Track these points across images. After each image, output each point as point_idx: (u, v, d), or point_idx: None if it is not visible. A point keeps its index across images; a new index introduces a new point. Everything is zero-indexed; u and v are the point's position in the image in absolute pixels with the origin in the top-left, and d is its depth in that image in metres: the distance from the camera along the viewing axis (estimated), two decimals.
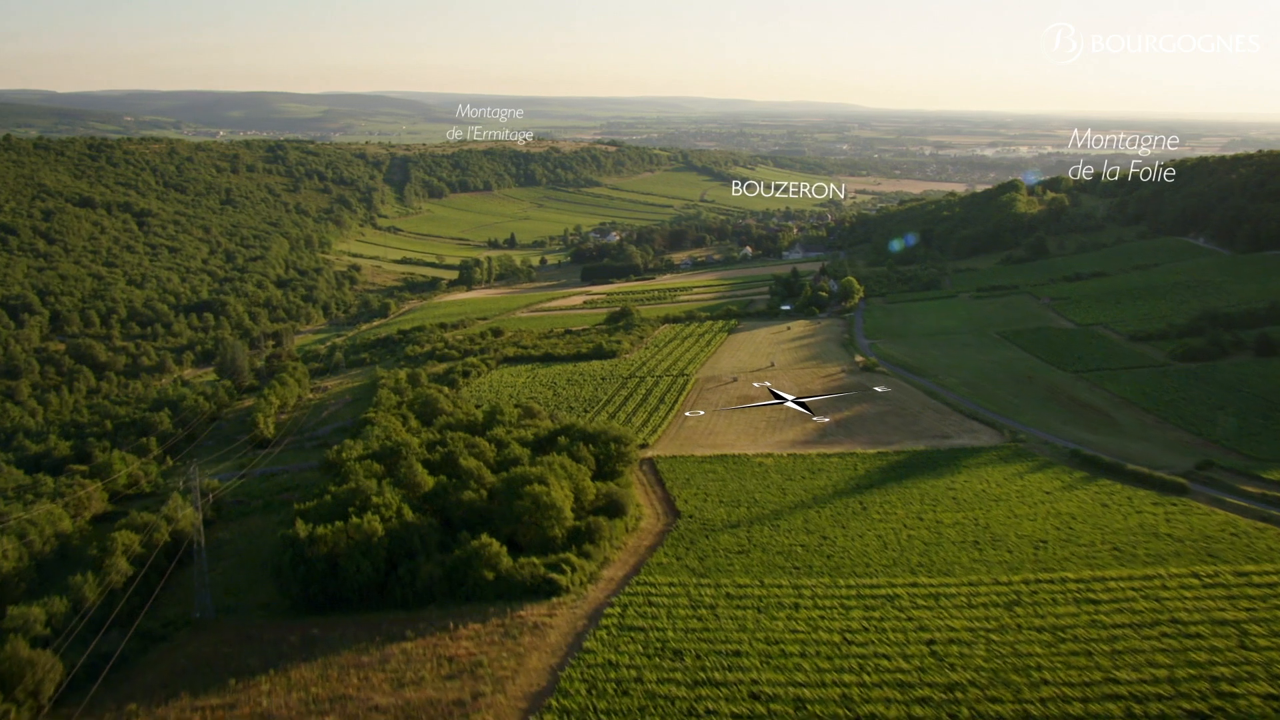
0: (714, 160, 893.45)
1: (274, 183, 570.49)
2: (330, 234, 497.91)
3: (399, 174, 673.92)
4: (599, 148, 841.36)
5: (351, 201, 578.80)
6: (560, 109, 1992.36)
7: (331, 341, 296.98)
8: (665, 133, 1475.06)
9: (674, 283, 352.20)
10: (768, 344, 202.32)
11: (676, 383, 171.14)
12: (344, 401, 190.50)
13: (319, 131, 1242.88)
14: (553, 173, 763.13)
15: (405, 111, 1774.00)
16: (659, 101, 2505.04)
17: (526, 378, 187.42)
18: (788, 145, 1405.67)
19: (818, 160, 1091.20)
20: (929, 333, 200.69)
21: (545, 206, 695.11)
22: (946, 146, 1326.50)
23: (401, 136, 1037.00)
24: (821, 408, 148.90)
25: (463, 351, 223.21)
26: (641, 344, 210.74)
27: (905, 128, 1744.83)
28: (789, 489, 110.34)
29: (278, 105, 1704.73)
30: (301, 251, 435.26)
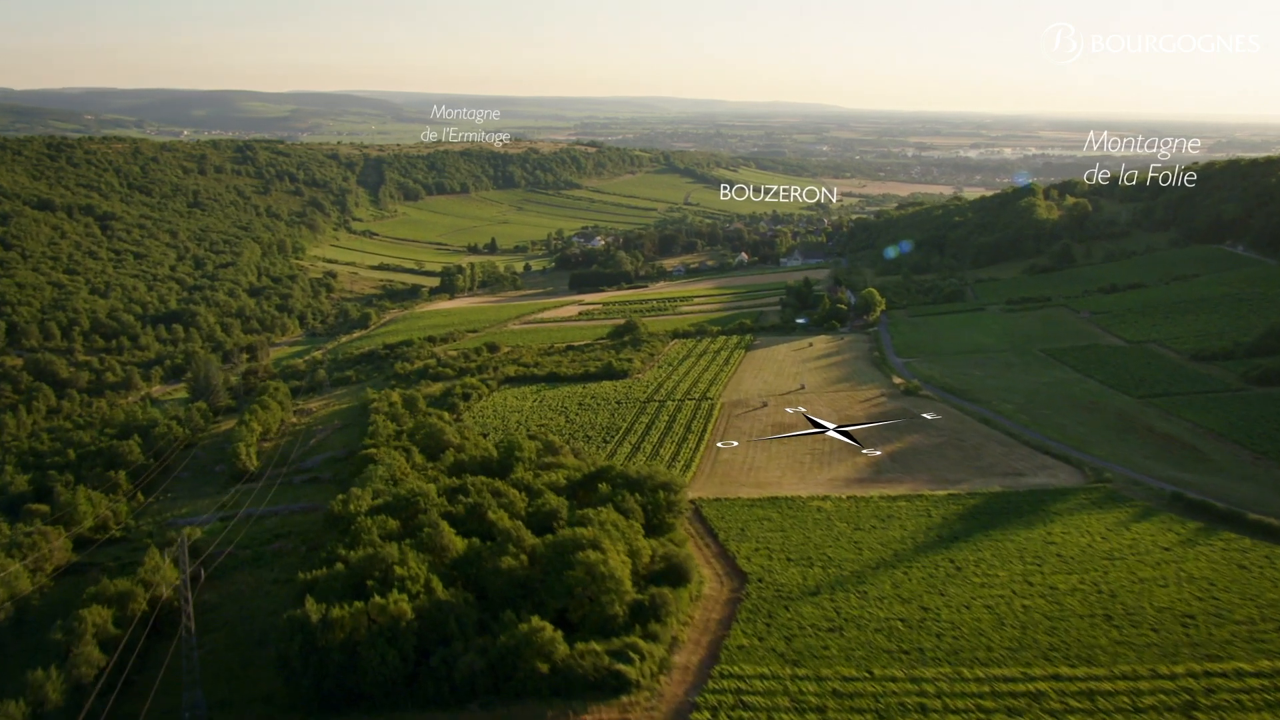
0: (696, 162, 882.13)
1: (243, 184, 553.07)
2: (304, 238, 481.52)
3: (373, 175, 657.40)
4: (578, 149, 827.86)
5: (324, 204, 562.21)
6: (533, 109, 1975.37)
7: (311, 356, 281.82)
8: (641, 133, 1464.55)
9: (671, 291, 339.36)
10: (791, 362, 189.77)
11: (701, 408, 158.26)
12: (333, 427, 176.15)
13: (286, 131, 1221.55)
14: (532, 174, 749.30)
15: (374, 111, 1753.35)
16: (632, 101, 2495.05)
17: (533, 401, 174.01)
18: (766, 146, 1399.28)
19: (800, 162, 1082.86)
20: (966, 350, 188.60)
21: (525, 210, 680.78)
22: (929, 148, 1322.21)
23: (371, 137, 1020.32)
24: (869, 438, 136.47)
25: (458, 370, 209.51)
26: (653, 362, 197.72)
27: (884, 129, 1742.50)
28: (862, 542, 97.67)
29: (243, 104, 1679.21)
30: (274, 257, 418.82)
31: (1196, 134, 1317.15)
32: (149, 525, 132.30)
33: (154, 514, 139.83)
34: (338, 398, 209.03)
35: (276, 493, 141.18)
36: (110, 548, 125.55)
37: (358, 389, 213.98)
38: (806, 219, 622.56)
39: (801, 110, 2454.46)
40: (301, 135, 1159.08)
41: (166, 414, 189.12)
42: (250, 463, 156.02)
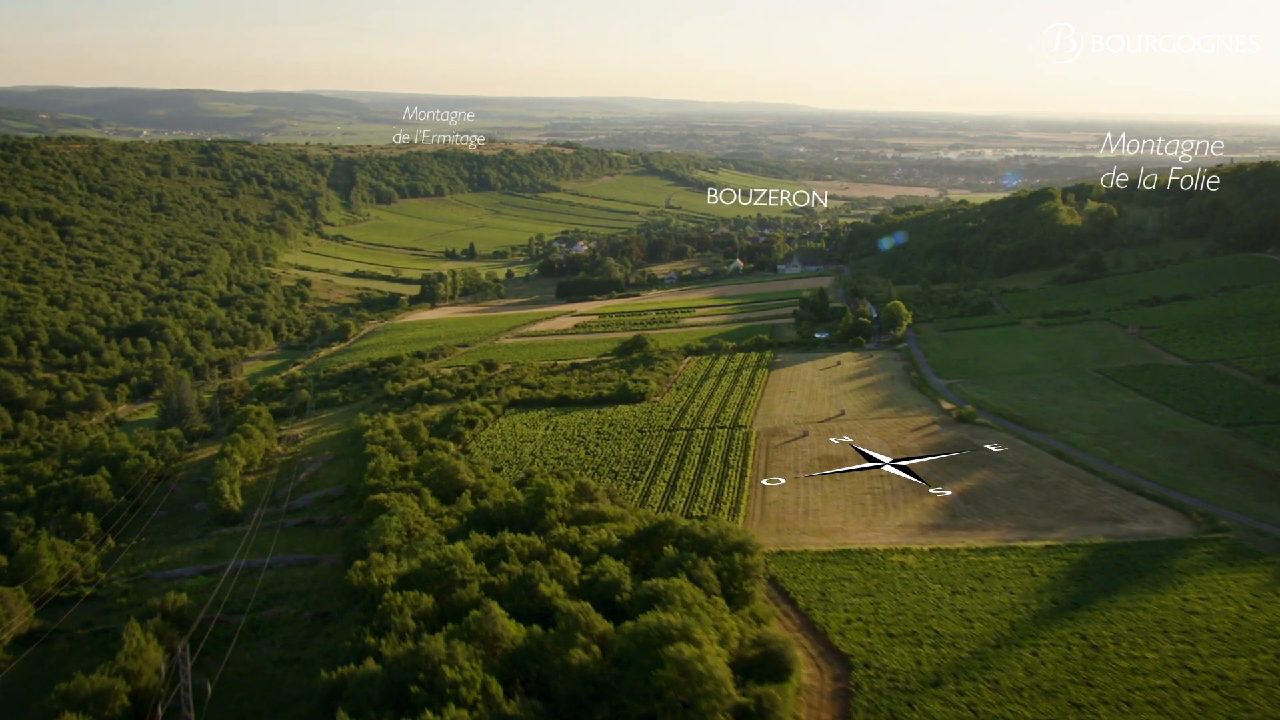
0: (675, 164, 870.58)
1: (209, 187, 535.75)
2: (274, 244, 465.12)
3: (344, 177, 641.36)
4: (555, 150, 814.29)
5: (295, 208, 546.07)
6: (501, 109, 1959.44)
7: (289, 372, 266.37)
8: (613, 134, 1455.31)
9: (668, 301, 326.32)
10: (821, 384, 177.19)
11: (735, 437, 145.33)
12: (324, 459, 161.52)
13: (249, 131, 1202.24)
14: (508, 177, 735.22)
15: (340, 111, 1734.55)
16: (602, 102, 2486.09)
17: (545, 428, 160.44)
18: (742, 147, 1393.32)
19: (778, 164, 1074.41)
20: (1012, 371, 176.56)
21: (502, 213, 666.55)
22: (908, 149, 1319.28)
23: (337, 137, 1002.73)
24: (932, 474, 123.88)
25: (456, 391, 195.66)
26: (670, 383, 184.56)
27: (860, 129, 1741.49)
28: (968, 610, 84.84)
29: (204, 104, 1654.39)
30: (244, 264, 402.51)
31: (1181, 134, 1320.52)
32: (123, 580, 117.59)
33: (127, 564, 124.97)
34: (325, 422, 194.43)
35: (267, 539, 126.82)
36: (76, 605, 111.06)
37: (346, 412, 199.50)
38: (794, 223, 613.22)
39: (775, 111, 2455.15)
40: (265, 135, 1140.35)
41: (137, 442, 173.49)
42: (234, 502, 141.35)
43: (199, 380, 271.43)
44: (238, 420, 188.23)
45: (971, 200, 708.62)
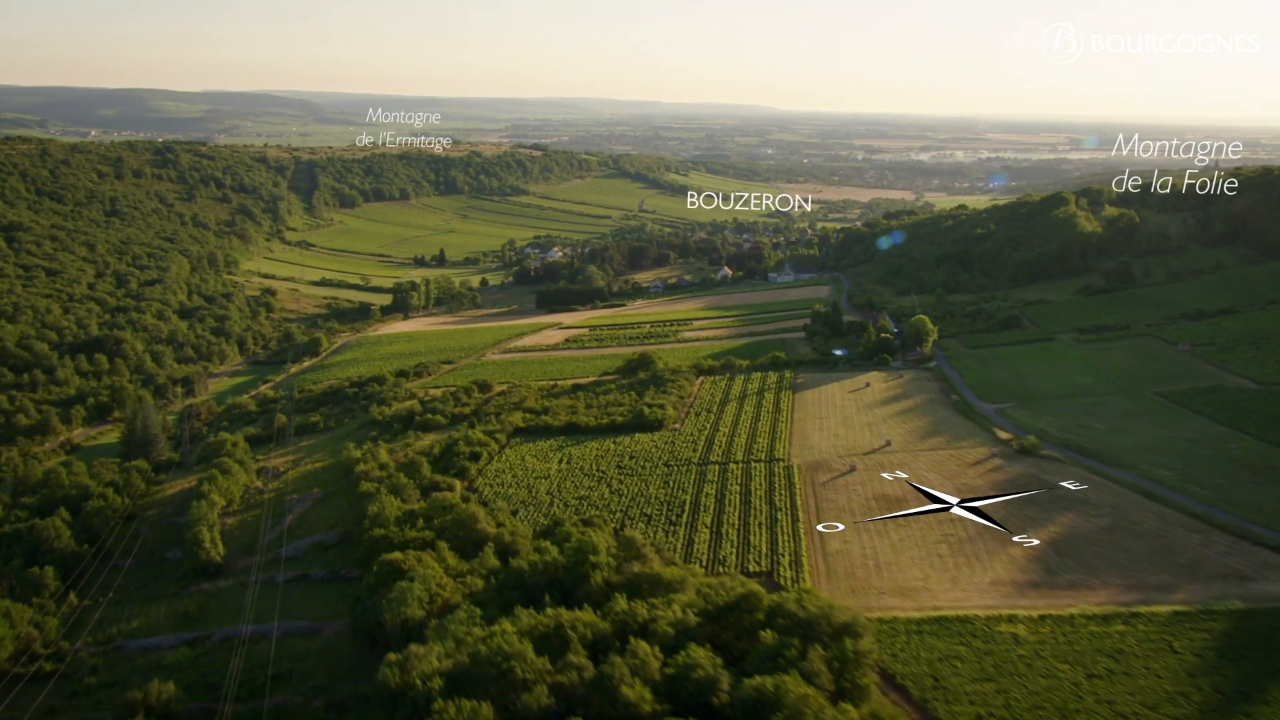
0: (646, 166, 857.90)
1: (165, 190, 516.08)
2: (235, 250, 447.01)
3: (306, 180, 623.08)
4: (523, 152, 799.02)
5: (255, 212, 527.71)
6: (461, 111, 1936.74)
7: (260, 391, 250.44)
8: (575, 135, 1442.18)
9: (659, 313, 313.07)
10: (854, 408, 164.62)
11: (775, 473, 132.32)
12: (312, 497, 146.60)
13: (202, 132, 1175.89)
14: (475, 180, 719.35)
15: (295, 112, 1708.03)
16: (563, 103, 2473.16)
17: (558, 461, 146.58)
18: (709, 149, 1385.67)
19: (749, 166, 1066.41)
20: (1063, 394, 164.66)
21: (470, 218, 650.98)
22: (878, 151, 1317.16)
23: (293, 139, 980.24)
24: (1009, 518, 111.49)
25: (450, 416, 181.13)
26: (686, 407, 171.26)
27: (827, 131, 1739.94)
28: (1117, 702, 72.37)
29: (155, 103, 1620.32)
30: (205, 272, 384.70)
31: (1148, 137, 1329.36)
32: (91, 652, 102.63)
33: (95, 630, 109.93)
34: (307, 451, 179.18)
35: (256, 597, 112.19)
36: (38, 685, 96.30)
37: (330, 439, 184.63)
38: (773, 227, 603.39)
39: (739, 112, 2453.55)
40: (219, 136, 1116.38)
41: (100, 478, 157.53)
42: (215, 551, 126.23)
43: (161, 399, 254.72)
44: (211, 451, 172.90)
45: (944, 204, 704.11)
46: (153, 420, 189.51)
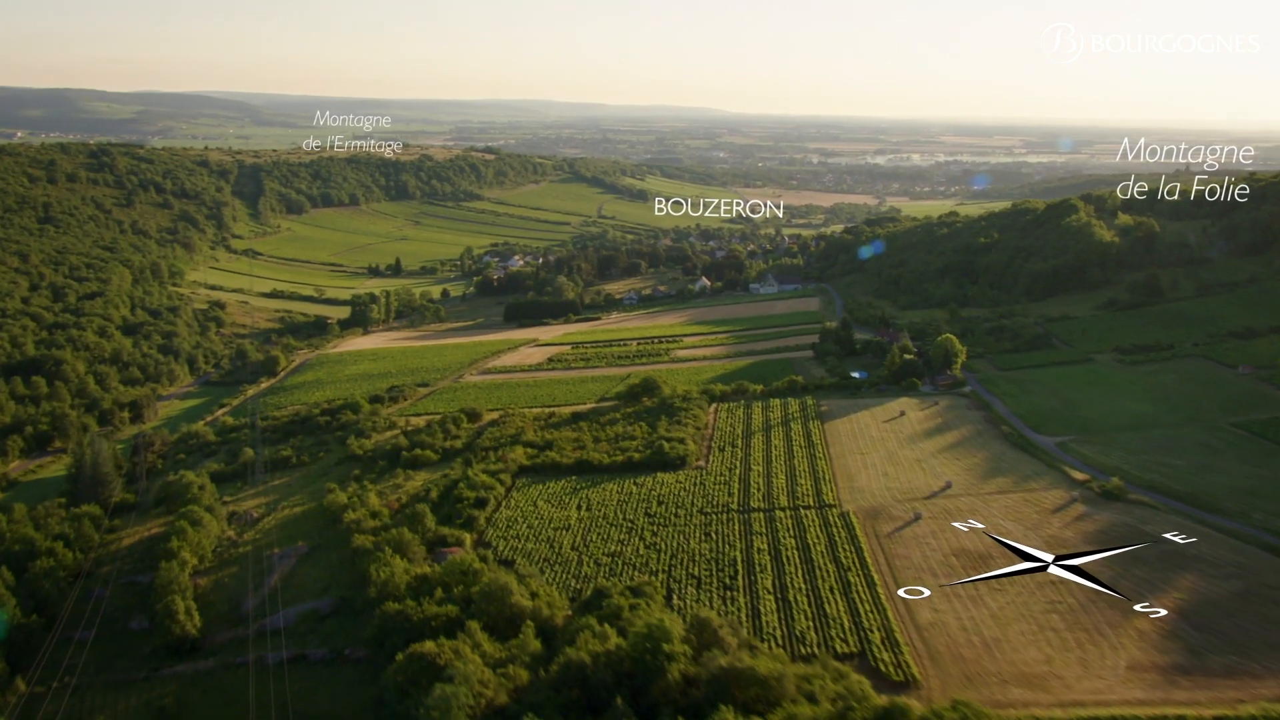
0: (603, 170, 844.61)
1: (102, 195, 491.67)
2: (179, 260, 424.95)
3: (250, 185, 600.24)
4: (475, 156, 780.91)
5: (198, 219, 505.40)
6: (402, 112, 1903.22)
7: (218, 418, 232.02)
8: (522, 138, 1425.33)
9: (641, 327, 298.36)
10: (895, 442, 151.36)
11: (830, 522, 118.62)
12: (296, 552, 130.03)
13: (134, 134, 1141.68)
14: (427, 184, 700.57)
15: (231, 113, 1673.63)
16: (508, 105, 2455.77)
17: (576, 509, 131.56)
18: (659, 152, 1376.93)
19: (706, 170, 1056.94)
20: (1123, 424, 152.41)
21: (424, 224, 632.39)
22: (833, 154, 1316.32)
23: (230, 141, 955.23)
24: (1119, 580, 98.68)
25: (441, 451, 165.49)
26: (706, 440, 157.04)
27: (779, 134, 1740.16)
28: None
29: (84, 104, 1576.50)
30: (149, 284, 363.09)
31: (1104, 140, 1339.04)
32: None
33: None
34: (281, 492, 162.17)
35: (242, 683, 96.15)
36: None
37: (305, 477, 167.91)
38: (739, 234, 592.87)
39: (687, 114, 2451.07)
40: (152, 139, 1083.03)
41: (47, 530, 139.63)
42: (190, 624, 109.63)
43: (106, 426, 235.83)
44: (172, 492, 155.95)
45: (910, 209, 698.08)
46: (104, 456, 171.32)
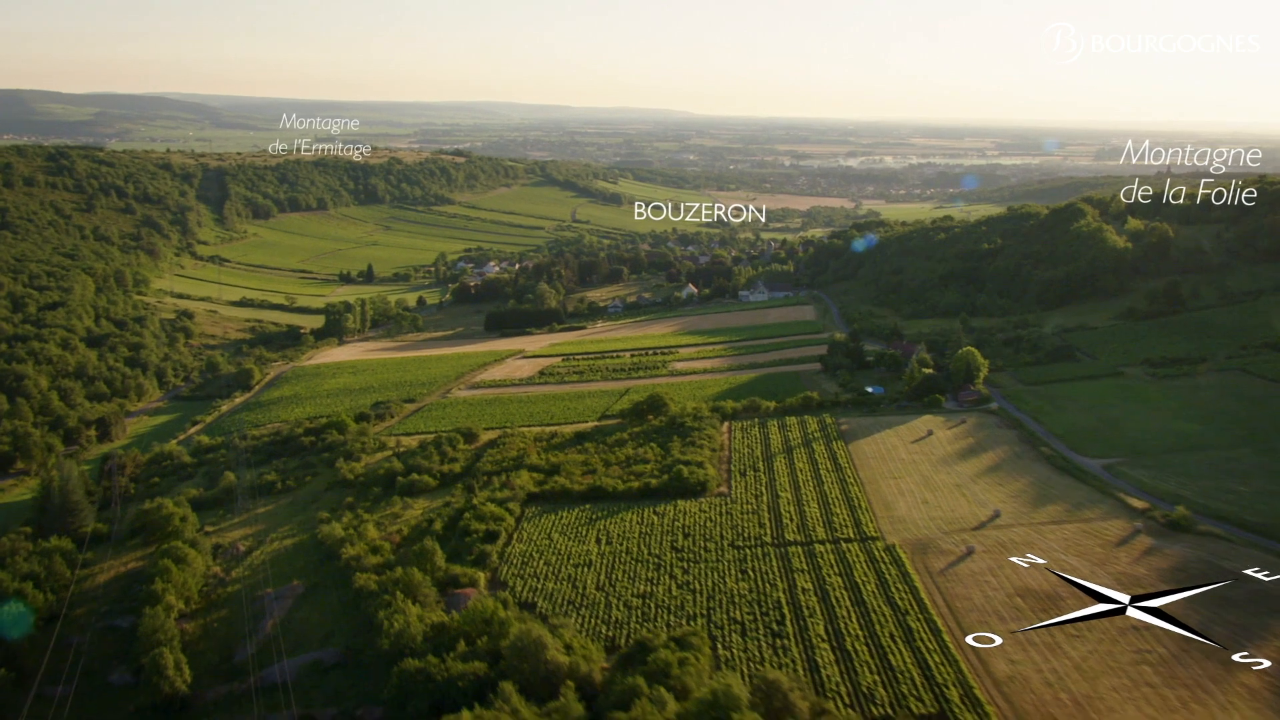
0: (575, 173, 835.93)
1: (61, 200, 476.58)
2: (144, 267, 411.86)
3: (215, 189, 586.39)
4: (445, 159, 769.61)
5: (162, 224, 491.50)
6: (364, 114, 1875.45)
7: (192, 436, 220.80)
8: (488, 141, 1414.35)
9: (632, 338, 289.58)
10: (928, 464, 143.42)
11: (876, 557, 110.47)
12: (292, 593, 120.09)
13: (91, 137, 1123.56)
14: (396, 188, 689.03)
15: (190, 115, 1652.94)
16: (471, 107, 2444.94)
17: (595, 542, 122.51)
18: (628, 155, 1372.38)
19: (678, 173, 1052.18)
20: (1172, 445, 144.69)
21: (394, 229, 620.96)
22: (805, 157, 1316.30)
23: (190, 143, 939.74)
24: (1208, 625, 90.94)
25: (439, 476, 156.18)
26: (724, 464, 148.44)
27: (748, 136, 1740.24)
28: None
29: (38, 106, 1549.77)
30: (113, 293, 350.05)
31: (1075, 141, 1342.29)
32: None
33: None
34: (267, 521, 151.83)
35: None
36: None
37: (293, 505, 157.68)
38: (718, 238, 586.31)
39: (653, 116, 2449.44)
40: (110, 141, 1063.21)
41: (15, 570, 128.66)
42: (179, 678, 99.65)
43: (72, 445, 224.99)
44: (150, 522, 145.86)
45: (889, 212, 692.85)
46: (74, 483, 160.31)
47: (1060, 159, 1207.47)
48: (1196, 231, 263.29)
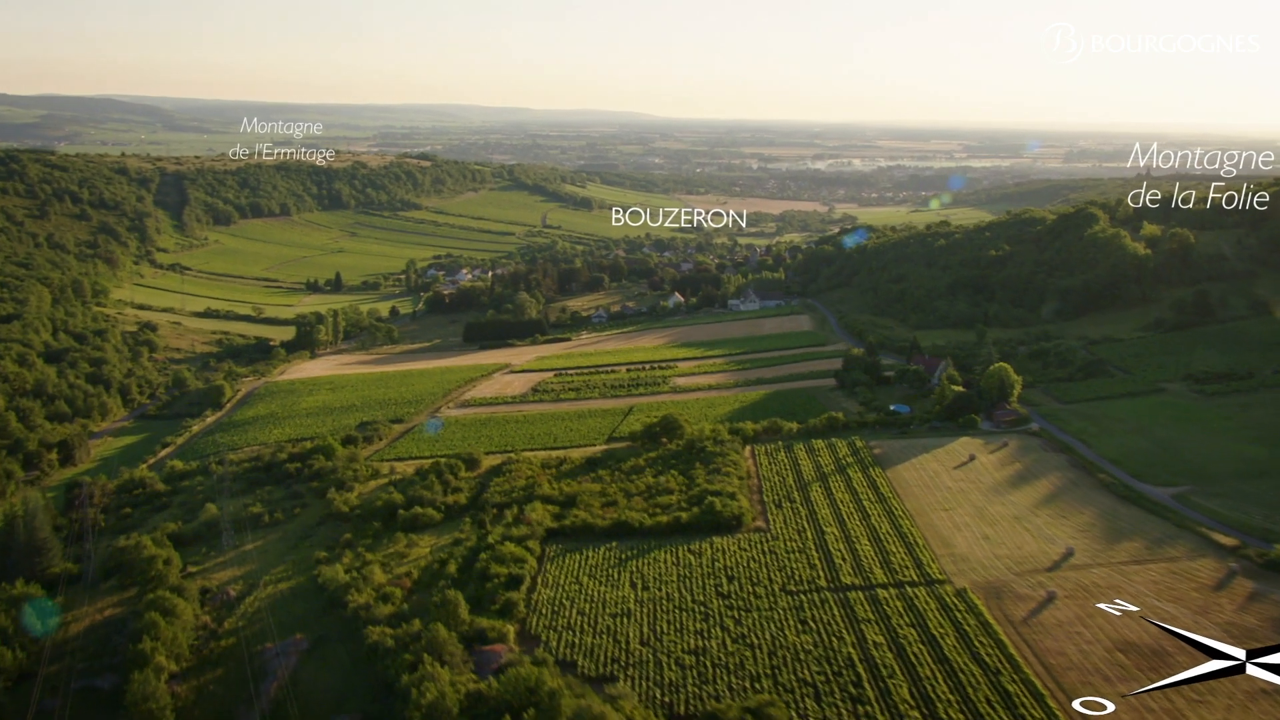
0: (543, 177, 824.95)
1: (12, 206, 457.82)
2: (102, 276, 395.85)
3: (174, 194, 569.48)
4: (411, 163, 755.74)
5: (120, 231, 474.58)
6: (321, 117, 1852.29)
7: (163, 459, 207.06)
8: (449, 144, 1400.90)
9: (621, 350, 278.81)
10: (978, 493, 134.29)
11: (949, 604, 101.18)
12: (296, 648, 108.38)
13: (39, 139, 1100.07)
14: (361, 193, 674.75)
15: (142, 118, 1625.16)
16: (430, 109, 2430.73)
17: (629, 586, 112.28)
18: (592, 158, 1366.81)
19: (644, 176, 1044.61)
20: (1243, 470, 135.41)
21: (360, 235, 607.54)
22: (772, 160, 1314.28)
23: (142, 146, 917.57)
24: None
25: (444, 508, 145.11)
26: (755, 493, 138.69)
27: (713, 139, 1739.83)
28: None
29: None
30: (71, 304, 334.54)
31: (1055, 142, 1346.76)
32: None
33: None
34: (257, 559, 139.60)
35: None
36: None
37: (283, 541, 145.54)
38: (695, 244, 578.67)
39: (616, 119, 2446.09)
40: (59, 144, 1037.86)
41: None
42: None
43: (32, 471, 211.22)
44: (128, 563, 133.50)
45: (865, 216, 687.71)
46: (41, 518, 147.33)
47: (1030, 161, 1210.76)
48: (1217, 237, 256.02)
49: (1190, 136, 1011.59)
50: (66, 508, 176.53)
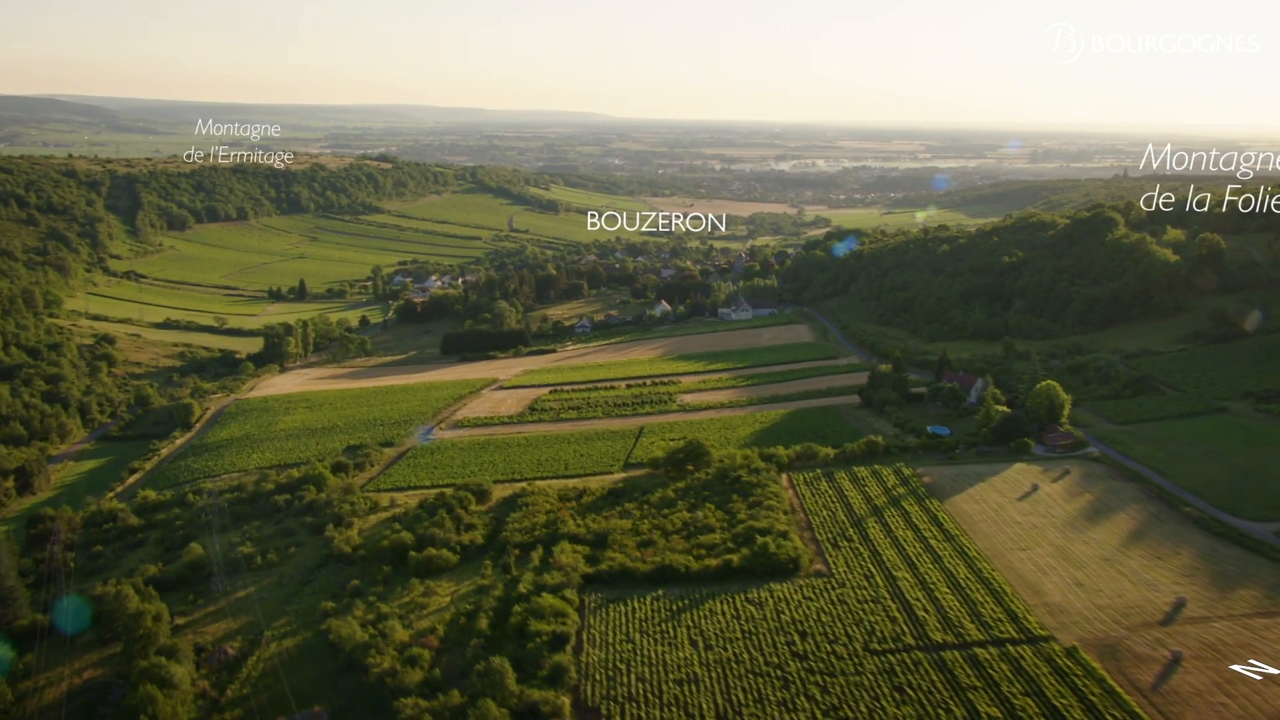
0: (507, 180, 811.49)
1: None
2: (54, 286, 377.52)
3: (126, 198, 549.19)
4: (371, 165, 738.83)
5: (70, 237, 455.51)
6: (270, 117, 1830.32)
7: (132, 488, 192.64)
8: (403, 145, 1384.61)
9: (615, 363, 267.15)
10: (1053, 530, 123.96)
11: (1062, 668, 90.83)
12: None
13: None
14: (321, 196, 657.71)
15: (85, 119, 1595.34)
16: (382, 110, 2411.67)
17: (691, 646, 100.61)
18: (551, 159, 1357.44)
19: (607, 178, 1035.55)
20: None
21: (321, 240, 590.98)
22: (735, 161, 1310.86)
23: (87, 148, 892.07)
24: None
25: (459, 549, 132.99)
26: (807, 530, 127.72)
27: (673, 139, 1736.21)
28: None
29: None
30: (22, 316, 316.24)
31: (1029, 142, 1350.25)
32: None
33: None
34: (252, 609, 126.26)
35: None
36: None
37: (280, 586, 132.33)
38: (670, 248, 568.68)
39: (572, 119, 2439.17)
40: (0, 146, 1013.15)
41: None
42: None
43: None
44: (110, 615, 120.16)
45: (838, 219, 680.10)
46: (5, 565, 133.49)
47: (996, 162, 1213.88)
48: (1245, 242, 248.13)
49: (1161, 136, 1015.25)
50: (29, 546, 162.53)
